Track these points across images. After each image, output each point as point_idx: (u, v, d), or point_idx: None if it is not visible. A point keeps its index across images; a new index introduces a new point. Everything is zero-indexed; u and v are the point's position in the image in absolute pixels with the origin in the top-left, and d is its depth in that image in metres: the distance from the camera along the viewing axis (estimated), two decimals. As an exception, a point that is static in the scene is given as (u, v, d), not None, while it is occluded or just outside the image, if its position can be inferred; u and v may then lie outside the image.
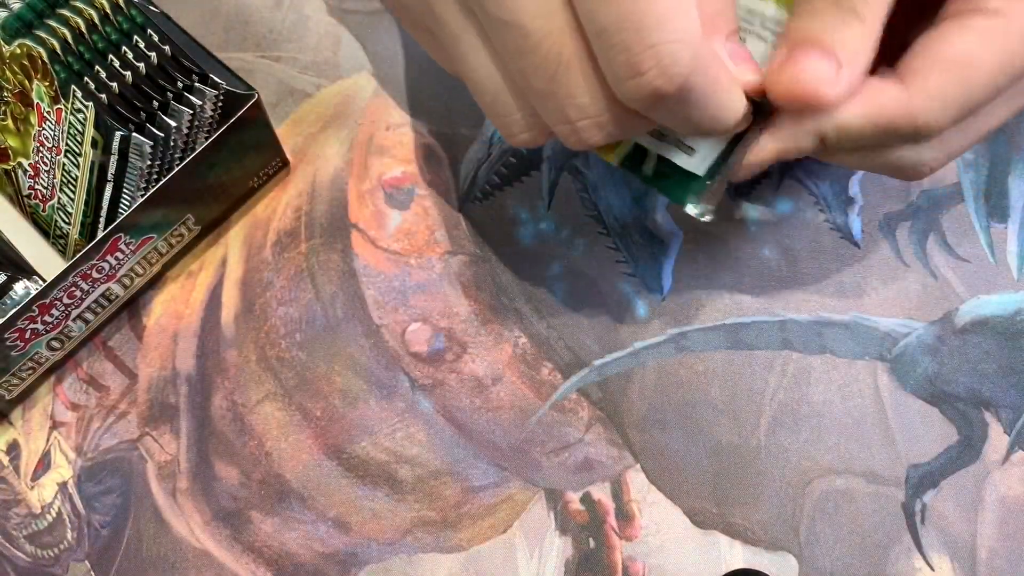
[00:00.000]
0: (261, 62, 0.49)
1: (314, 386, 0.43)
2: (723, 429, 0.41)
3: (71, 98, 0.40)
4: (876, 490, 0.39)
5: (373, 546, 0.40)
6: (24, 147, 0.43)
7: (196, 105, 0.41)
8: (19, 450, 0.43)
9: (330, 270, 0.44)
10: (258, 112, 0.42)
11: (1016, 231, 0.43)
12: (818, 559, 0.39)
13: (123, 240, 0.40)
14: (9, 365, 0.41)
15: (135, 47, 0.41)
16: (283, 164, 0.46)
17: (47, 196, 0.43)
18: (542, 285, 0.43)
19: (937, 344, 0.41)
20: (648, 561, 0.39)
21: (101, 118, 0.40)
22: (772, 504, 0.40)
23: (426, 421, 0.42)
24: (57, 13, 0.42)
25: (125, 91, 0.41)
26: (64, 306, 0.40)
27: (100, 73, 0.41)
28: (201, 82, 0.42)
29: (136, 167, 0.41)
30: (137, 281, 0.43)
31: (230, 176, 0.43)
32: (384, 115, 0.47)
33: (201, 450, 0.42)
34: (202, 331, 0.44)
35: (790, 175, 0.44)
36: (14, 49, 0.41)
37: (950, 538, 0.39)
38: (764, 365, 0.41)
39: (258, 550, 0.40)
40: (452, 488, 0.41)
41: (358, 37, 0.49)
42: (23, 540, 0.41)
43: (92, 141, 0.40)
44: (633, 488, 0.40)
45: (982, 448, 0.40)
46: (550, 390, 0.42)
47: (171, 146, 0.41)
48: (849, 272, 0.42)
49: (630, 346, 0.42)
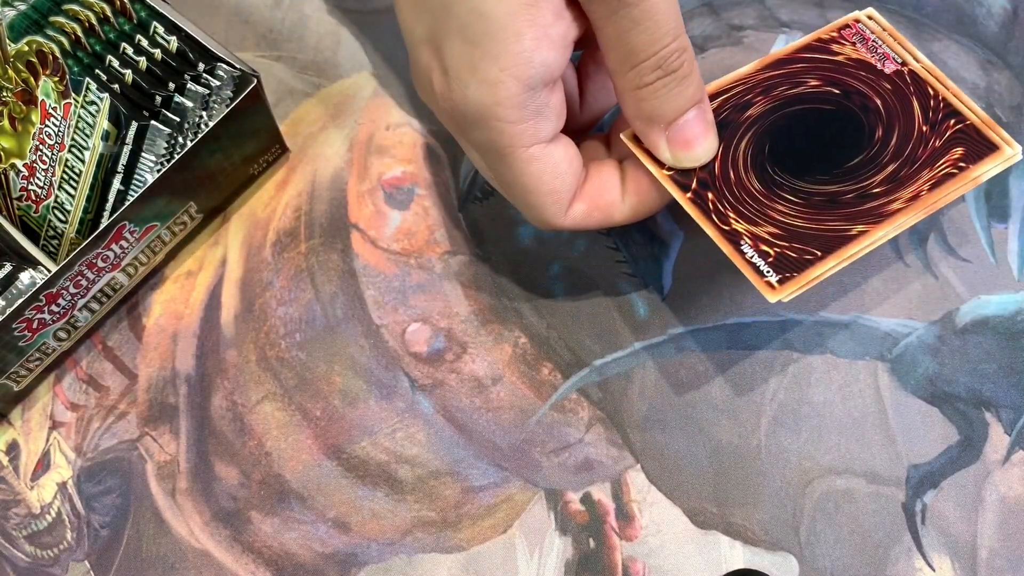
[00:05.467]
0: (261, 61, 0.49)
1: (314, 386, 0.43)
2: (723, 429, 0.41)
3: (83, 91, 0.41)
4: (876, 490, 0.39)
5: (373, 546, 0.40)
6: (20, 147, 0.43)
7: (214, 86, 0.42)
8: (19, 450, 0.43)
9: (330, 270, 0.44)
10: (260, 96, 0.42)
11: (1016, 231, 0.43)
12: (818, 559, 0.39)
13: (127, 228, 0.41)
14: (17, 355, 0.41)
15: (151, 36, 0.42)
16: (283, 151, 0.46)
17: (42, 196, 0.43)
18: (542, 285, 0.43)
19: (938, 344, 0.41)
20: (648, 561, 0.39)
21: (116, 109, 0.41)
22: (772, 504, 0.39)
23: (426, 421, 0.42)
24: (64, 9, 0.43)
25: (139, 79, 0.41)
26: (71, 295, 0.41)
27: (113, 63, 0.41)
28: (208, 72, 0.43)
29: (150, 155, 0.42)
30: (141, 270, 0.43)
31: (231, 162, 0.44)
32: (384, 115, 0.47)
33: (201, 450, 0.42)
34: (202, 331, 0.44)
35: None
36: (21, 47, 0.42)
37: (951, 538, 0.39)
38: (764, 365, 0.41)
39: (258, 550, 0.40)
40: (452, 488, 0.41)
41: (358, 37, 0.49)
42: (23, 540, 0.41)
43: (103, 134, 0.40)
44: (633, 488, 0.40)
45: (983, 448, 0.40)
46: (550, 390, 0.42)
47: (185, 131, 0.42)
48: (849, 272, 0.42)
49: (630, 346, 0.42)
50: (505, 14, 0.33)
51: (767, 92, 0.39)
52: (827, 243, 0.36)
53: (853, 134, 0.38)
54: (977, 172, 0.37)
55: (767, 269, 0.35)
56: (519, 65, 0.34)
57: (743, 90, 0.39)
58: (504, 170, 0.37)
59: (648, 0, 0.33)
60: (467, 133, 0.36)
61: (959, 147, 0.37)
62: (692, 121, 0.37)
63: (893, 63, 0.39)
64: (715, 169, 0.38)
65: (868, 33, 0.40)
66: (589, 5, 0.34)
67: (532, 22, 0.33)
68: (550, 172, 0.36)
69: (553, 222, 0.38)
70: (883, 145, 0.38)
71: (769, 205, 0.37)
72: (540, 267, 0.44)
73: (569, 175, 0.37)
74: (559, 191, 0.37)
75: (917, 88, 0.39)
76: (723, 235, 0.36)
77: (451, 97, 0.35)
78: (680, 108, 0.36)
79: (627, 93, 0.36)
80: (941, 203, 0.36)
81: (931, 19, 0.47)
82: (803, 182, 0.37)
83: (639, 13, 0.33)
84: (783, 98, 0.39)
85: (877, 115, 0.38)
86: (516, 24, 0.33)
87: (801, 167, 0.38)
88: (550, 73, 0.34)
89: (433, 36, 0.35)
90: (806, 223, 0.36)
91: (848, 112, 0.38)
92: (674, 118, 0.36)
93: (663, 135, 0.37)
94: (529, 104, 0.35)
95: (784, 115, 0.39)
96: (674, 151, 0.37)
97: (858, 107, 0.38)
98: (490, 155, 0.37)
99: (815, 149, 0.38)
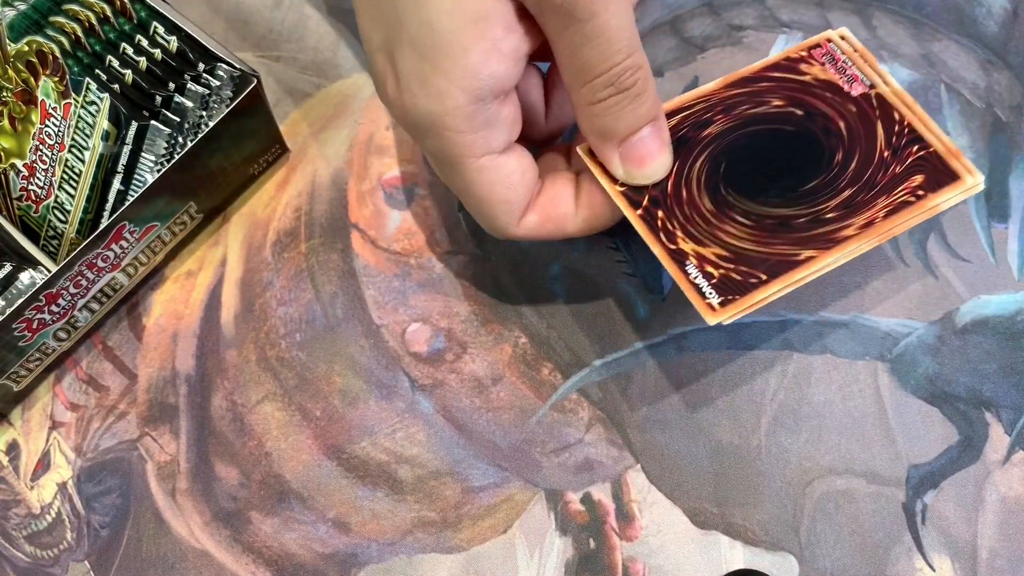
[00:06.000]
0: (261, 62, 0.49)
1: (314, 386, 0.43)
2: (723, 429, 0.41)
3: (83, 91, 0.41)
4: (877, 490, 0.39)
5: (373, 546, 0.40)
6: (20, 147, 0.43)
7: (214, 86, 0.42)
8: (19, 450, 0.43)
9: (330, 270, 0.44)
10: (260, 96, 0.42)
11: (1016, 231, 0.43)
12: (818, 559, 0.39)
13: (127, 228, 0.41)
14: (17, 355, 0.41)
15: (151, 36, 0.42)
16: (283, 151, 0.46)
17: (42, 196, 0.43)
18: (542, 285, 0.43)
19: (938, 344, 0.41)
20: (648, 561, 0.39)
21: (116, 108, 0.41)
22: (772, 504, 0.39)
23: (426, 421, 0.42)
24: (64, 9, 0.43)
25: (139, 79, 0.42)
26: (71, 295, 0.41)
27: (113, 63, 0.41)
28: (208, 72, 0.43)
29: (150, 155, 0.42)
30: (141, 270, 0.43)
31: (231, 163, 0.44)
32: (384, 115, 0.47)
33: (201, 450, 0.42)
34: (202, 331, 0.44)
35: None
36: (21, 47, 0.42)
37: (951, 538, 0.39)
38: (764, 365, 0.41)
39: (258, 550, 0.40)
40: (452, 488, 0.41)
41: (358, 37, 0.49)
42: (23, 540, 0.41)
43: (103, 134, 0.41)
44: (633, 488, 0.40)
45: (983, 448, 0.40)
46: (550, 390, 0.42)
47: (185, 131, 0.42)
48: (849, 272, 0.42)
49: (630, 346, 0.42)
50: (454, 28, 0.33)
51: (728, 111, 0.39)
52: (773, 267, 0.35)
53: (812, 157, 0.38)
54: (935, 201, 0.36)
55: (709, 290, 0.35)
56: (467, 78, 0.34)
57: (704, 107, 0.39)
58: (456, 178, 0.37)
59: (600, 16, 0.33)
60: (420, 140, 0.37)
61: (919, 174, 0.37)
62: (646, 138, 0.36)
63: (861, 85, 0.39)
64: (668, 187, 0.37)
65: (839, 54, 0.39)
66: (542, 19, 0.34)
67: (481, 36, 0.33)
68: (502, 183, 0.37)
69: (505, 231, 0.38)
70: (841, 169, 0.37)
71: (719, 226, 0.36)
72: (540, 267, 0.44)
73: (521, 186, 0.37)
74: (511, 201, 0.37)
75: (883, 112, 0.38)
76: (669, 254, 0.36)
77: (403, 105, 0.36)
78: (633, 125, 0.36)
79: (581, 108, 0.36)
80: (895, 231, 0.36)
81: (931, 19, 0.47)
82: (756, 204, 0.37)
83: (591, 29, 0.33)
84: (744, 117, 0.39)
85: (839, 138, 0.38)
86: (464, 38, 0.33)
87: (755, 189, 0.37)
88: (500, 85, 0.34)
89: (387, 45, 0.35)
90: (754, 246, 0.36)
91: (809, 134, 0.38)
92: (627, 135, 0.36)
93: (616, 151, 0.37)
94: (477, 116, 0.35)
95: (743, 135, 0.38)
96: (627, 167, 0.37)
97: (819, 129, 0.38)
98: (442, 163, 0.37)
99: (771, 171, 0.37)
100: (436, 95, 0.34)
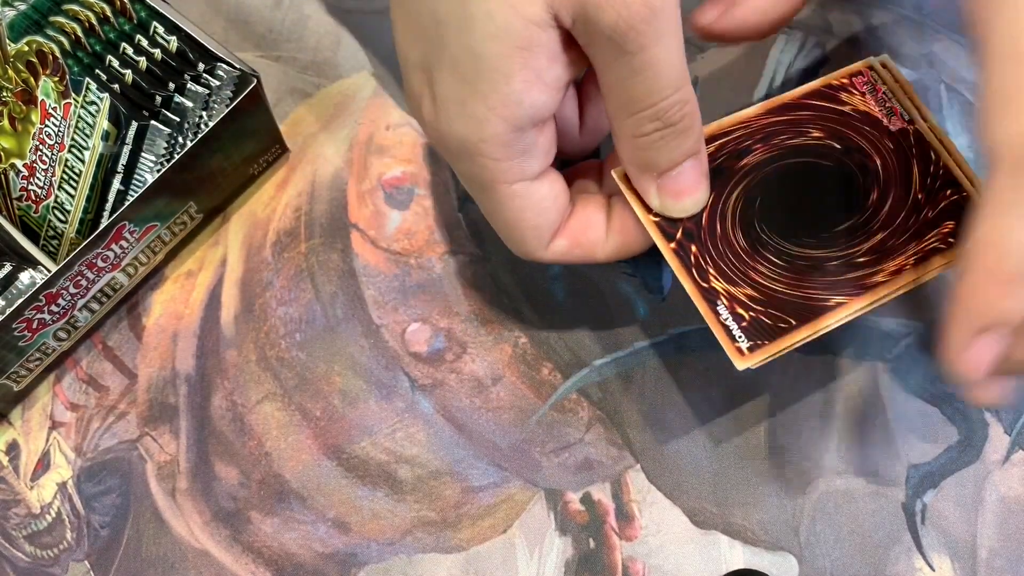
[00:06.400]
0: (261, 62, 0.49)
1: (314, 386, 0.43)
2: (723, 429, 0.41)
3: (83, 91, 0.41)
4: (876, 490, 0.39)
5: (373, 546, 0.40)
6: (20, 147, 0.43)
7: (214, 86, 0.42)
8: (19, 450, 0.43)
9: (330, 270, 0.44)
10: (260, 96, 0.42)
11: (1016, 231, 0.42)
12: (818, 559, 0.39)
13: (127, 228, 0.41)
14: (17, 356, 0.41)
15: (151, 36, 0.42)
16: (283, 151, 0.46)
17: (42, 196, 0.43)
18: (542, 285, 0.43)
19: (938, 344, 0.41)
20: (648, 561, 0.39)
21: (116, 108, 0.41)
22: (772, 504, 0.40)
23: (426, 421, 0.42)
24: (64, 9, 0.43)
25: (139, 79, 0.42)
26: (70, 295, 0.41)
27: (113, 63, 0.41)
28: (208, 72, 0.43)
29: (150, 155, 0.42)
30: (141, 270, 0.43)
31: (231, 163, 0.44)
32: (384, 115, 0.47)
33: (201, 450, 0.42)
34: (202, 331, 0.44)
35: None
36: (21, 47, 0.42)
37: (950, 538, 0.39)
38: (764, 365, 0.41)
39: (258, 550, 0.40)
40: (452, 488, 0.41)
41: (358, 37, 0.49)
42: (23, 540, 0.41)
43: (103, 134, 0.41)
44: (633, 488, 0.40)
45: (982, 448, 0.40)
46: (550, 390, 0.42)
47: (185, 131, 0.42)
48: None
49: (630, 346, 0.42)
50: (497, 55, 0.33)
51: (767, 140, 0.38)
52: (803, 312, 0.35)
53: (847, 196, 0.37)
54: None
55: (739, 334, 0.35)
56: (508, 106, 0.33)
57: (743, 135, 0.38)
58: (486, 201, 0.36)
59: (650, 50, 0.32)
60: (453, 162, 0.36)
61: (951, 220, 0.36)
62: (685, 172, 0.36)
63: (900, 120, 0.38)
64: (703, 220, 0.37)
65: (879, 84, 0.39)
66: (590, 49, 0.33)
67: (525, 64, 0.33)
68: (532, 209, 0.36)
69: (532, 255, 0.37)
70: (875, 211, 0.37)
71: (751, 265, 0.36)
72: (540, 267, 0.44)
73: (552, 211, 0.37)
74: (540, 227, 0.37)
75: (919, 150, 0.38)
76: (701, 292, 0.35)
77: (438, 128, 0.35)
78: (675, 160, 0.35)
79: (623, 139, 0.35)
80: (922, 280, 0.35)
81: (931, 19, 0.47)
82: (789, 243, 0.36)
83: (640, 62, 0.32)
84: (782, 148, 0.38)
85: (875, 177, 0.37)
86: (507, 65, 0.33)
87: (789, 227, 0.37)
88: (539, 114, 0.34)
89: (425, 63, 0.35)
90: (786, 288, 0.36)
91: (845, 170, 0.38)
92: (668, 168, 0.35)
93: (654, 182, 0.36)
94: (515, 144, 0.34)
95: (779, 167, 0.38)
96: (663, 199, 0.36)
97: (856, 166, 0.38)
98: (473, 186, 0.36)
99: (806, 208, 0.37)
100: (474, 121, 0.34)
